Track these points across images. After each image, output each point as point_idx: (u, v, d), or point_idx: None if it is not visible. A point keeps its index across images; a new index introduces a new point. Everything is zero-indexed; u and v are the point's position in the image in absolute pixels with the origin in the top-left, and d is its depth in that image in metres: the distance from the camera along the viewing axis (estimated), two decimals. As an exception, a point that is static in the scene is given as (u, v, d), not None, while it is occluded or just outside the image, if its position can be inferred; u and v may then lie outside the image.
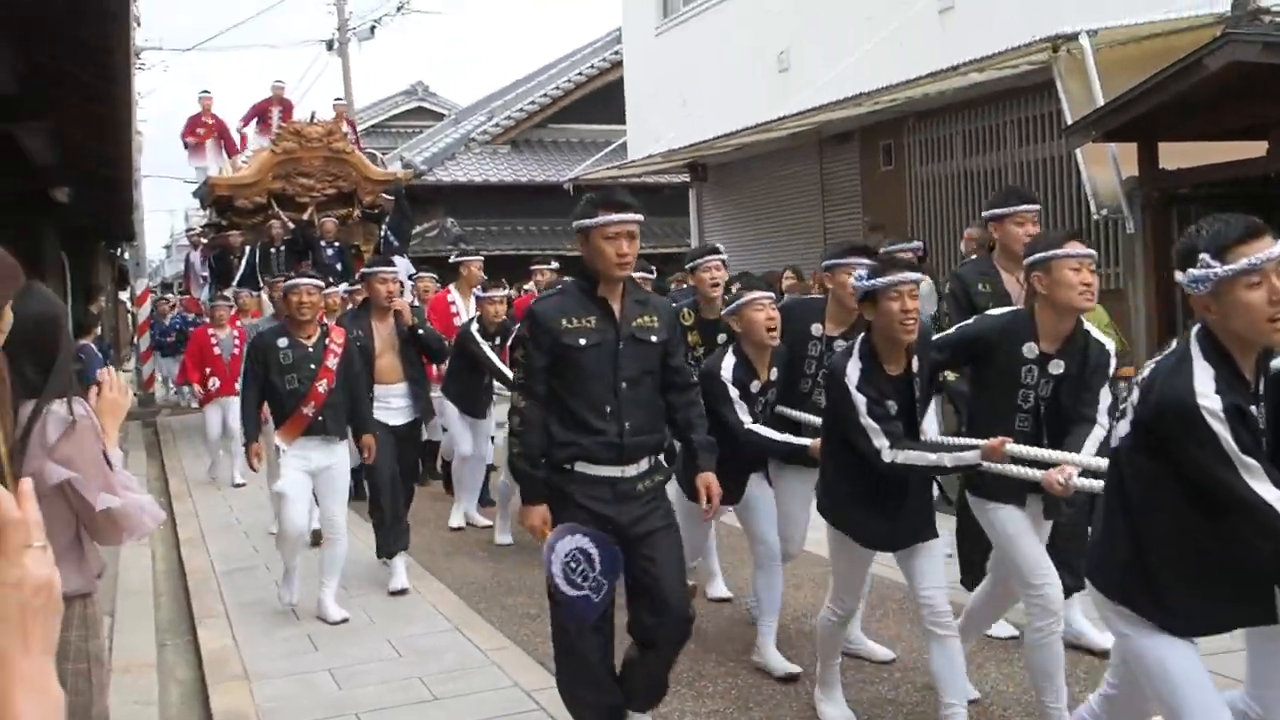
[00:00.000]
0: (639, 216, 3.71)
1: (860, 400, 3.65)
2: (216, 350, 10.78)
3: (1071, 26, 8.11)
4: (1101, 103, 7.57)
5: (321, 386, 5.78)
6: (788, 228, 14.19)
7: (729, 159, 14.89)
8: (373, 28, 22.90)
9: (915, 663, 4.78)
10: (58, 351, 2.62)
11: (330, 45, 23.56)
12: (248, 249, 14.42)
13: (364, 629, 5.68)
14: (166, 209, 59.39)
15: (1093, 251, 3.79)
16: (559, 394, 3.69)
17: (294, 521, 5.89)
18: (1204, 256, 2.54)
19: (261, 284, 12.91)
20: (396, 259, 12.60)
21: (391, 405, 6.65)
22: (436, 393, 8.02)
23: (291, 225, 14.32)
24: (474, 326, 7.64)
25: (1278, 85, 6.41)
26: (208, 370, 10.73)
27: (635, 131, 17.11)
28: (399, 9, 22.63)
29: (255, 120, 16.85)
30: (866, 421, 3.64)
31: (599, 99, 21.16)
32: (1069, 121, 7.96)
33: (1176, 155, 7.50)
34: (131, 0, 5.75)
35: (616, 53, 20.25)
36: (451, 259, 10.08)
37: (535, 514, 3.75)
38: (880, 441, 3.63)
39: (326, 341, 5.90)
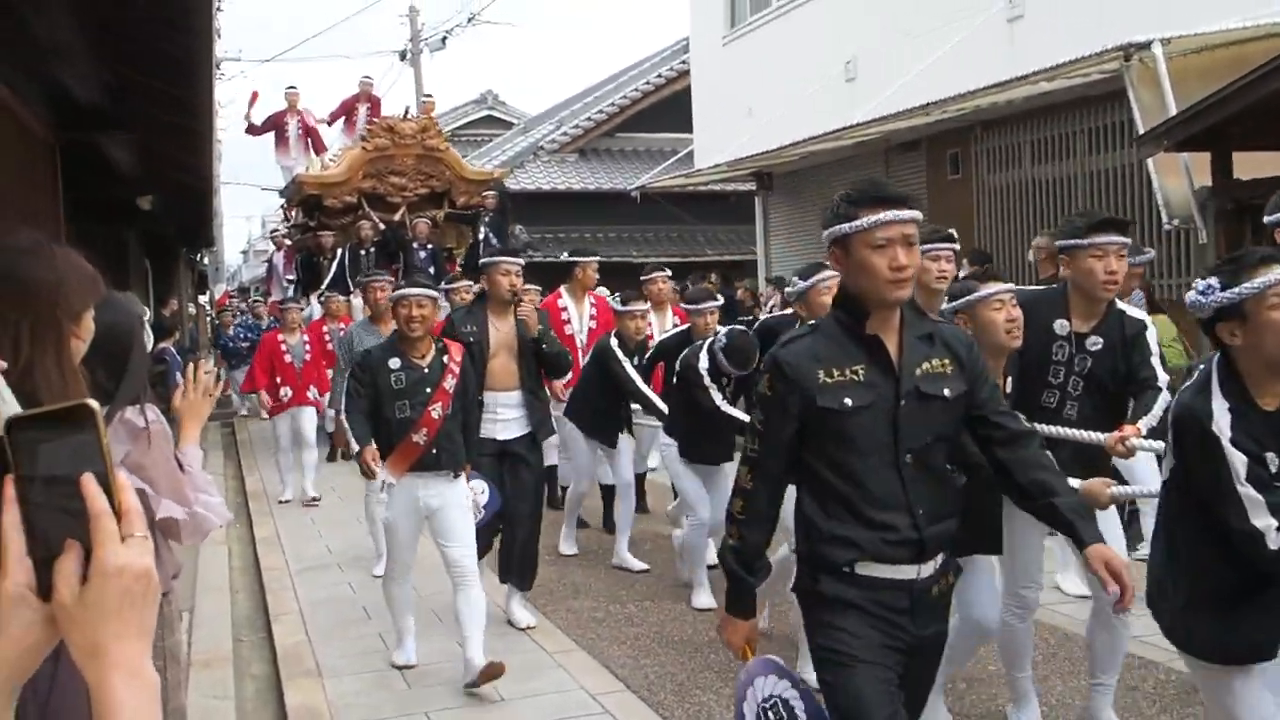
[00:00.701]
0: (917, 214, 2.75)
1: (1239, 461, 2.56)
2: (287, 357, 10.05)
3: (1143, 35, 7.98)
4: (1174, 112, 7.44)
5: (435, 411, 4.92)
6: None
7: (795, 167, 14.84)
8: (444, 38, 23.13)
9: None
10: (130, 359, 2.65)
11: (403, 55, 23.86)
12: (337, 251, 13.58)
13: (433, 628, 5.74)
14: (244, 215, 60.78)
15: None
16: (820, 472, 2.70)
17: (402, 561, 5.16)
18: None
19: (351, 288, 12.35)
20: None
21: (501, 416, 5.73)
22: (556, 411, 7.18)
23: (382, 226, 13.56)
24: (613, 342, 6.77)
25: (1356, 94, 6.26)
26: (278, 379, 9.98)
27: (702, 140, 17.11)
28: (470, 20, 22.84)
29: (342, 118, 16.14)
30: (1246, 491, 2.55)
31: (666, 108, 21.18)
32: (1140, 131, 7.82)
33: (1251, 165, 7.34)
34: (214, 15, 5.85)
35: (684, 62, 20.28)
36: (564, 257, 9.80)
37: (740, 630, 2.86)
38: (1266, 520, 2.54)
39: (445, 360, 5.06)
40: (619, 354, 6.67)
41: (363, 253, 13.22)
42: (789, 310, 7.49)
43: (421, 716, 4.62)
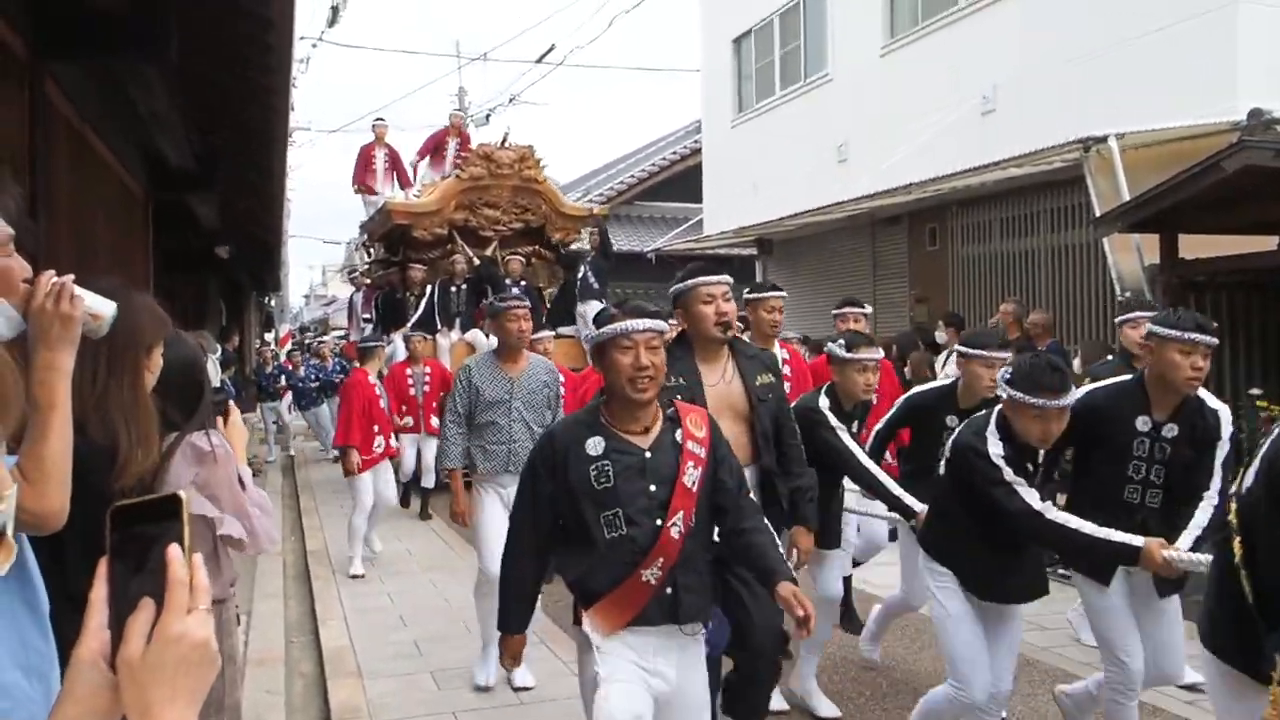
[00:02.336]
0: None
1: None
2: (382, 403, 8.00)
3: (1100, 129, 8.04)
4: (1128, 197, 7.47)
5: (677, 528, 2.71)
6: (843, 298, 14.12)
7: (792, 236, 14.89)
8: (488, 115, 23.37)
9: None
10: (201, 391, 2.65)
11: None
12: (424, 287, 11.52)
13: (463, 638, 5.71)
14: (307, 264, 61.15)
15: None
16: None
17: None
18: None
19: (439, 325, 11.03)
20: (590, 305, 10.82)
21: None
22: None
23: (477, 261, 11.44)
24: (824, 401, 4.31)
25: (1288, 187, 6.28)
26: (375, 428, 7.66)
27: (711, 209, 17.21)
28: (510, 100, 23.08)
29: (430, 154, 14.06)
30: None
31: (680, 180, 21.30)
32: (1098, 213, 7.85)
33: (1195, 246, 7.36)
34: (290, 93, 5.96)
35: (696, 141, 20.42)
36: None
37: None
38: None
39: (679, 438, 2.78)
40: (832, 419, 4.26)
41: (453, 289, 11.25)
42: None
43: (449, 715, 4.60)
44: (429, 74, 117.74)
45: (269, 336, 26.30)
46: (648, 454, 2.75)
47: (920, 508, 4.06)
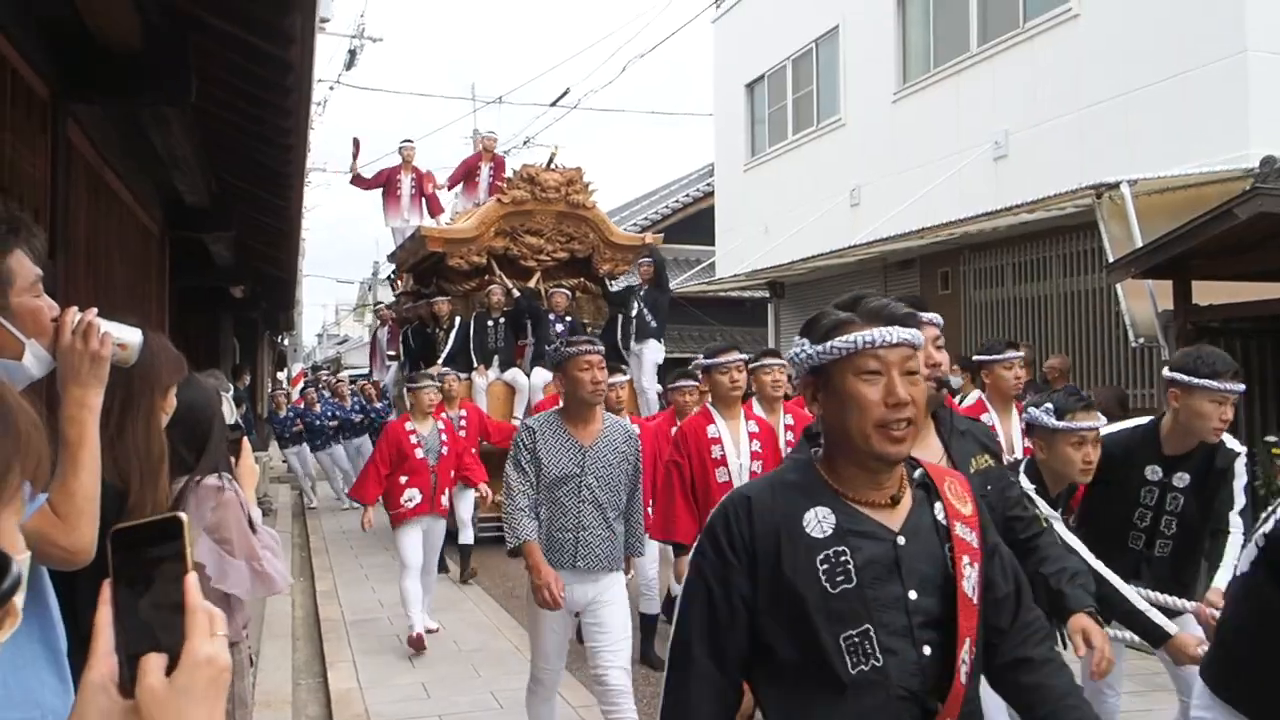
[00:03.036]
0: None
1: None
2: (420, 452, 6.66)
3: (1112, 176, 8.05)
4: (1140, 243, 7.47)
5: (965, 665, 1.73)
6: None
7: (804, 279, 14.93)
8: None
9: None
10: (210, 434, 2.66)
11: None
12: (458, 320, 10.47)
13: (470, 680, 5.67)
14: (320, 304, 61.52)
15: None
16: None
17: None
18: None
19: (476, 362, 10.15)
20: (648, 345, 10.17)
21: None
22: None
23: (517, 293, 10.38)
24: (1026, 483, 3.25)
25: (1302, 234, 6.28)
26: (403, 479, 6.59)
27: (723, 252, 17.28)
28: (525, 143, 23.33)
29: (462, 181, 12.81)
30: None
31: (693, 223, 21.41)
32: (1110, 258, 7.85)
33: (1208, 292, 7.34)
34: (308, 135, 6.02)
35: (709, 184, 20.55)
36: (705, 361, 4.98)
37: None
38: None
39: (940, 515, 1.81)
40: (1044, 508, 3.13)
41: (490, 323, 10.32)
42: None
43: (456, 761, 4.55)
44: (445, 116, 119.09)
45: (281, 375, 26.41)
46: (900, 540, 1.74)
47: (1173, 628, 3.00)
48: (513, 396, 10.33)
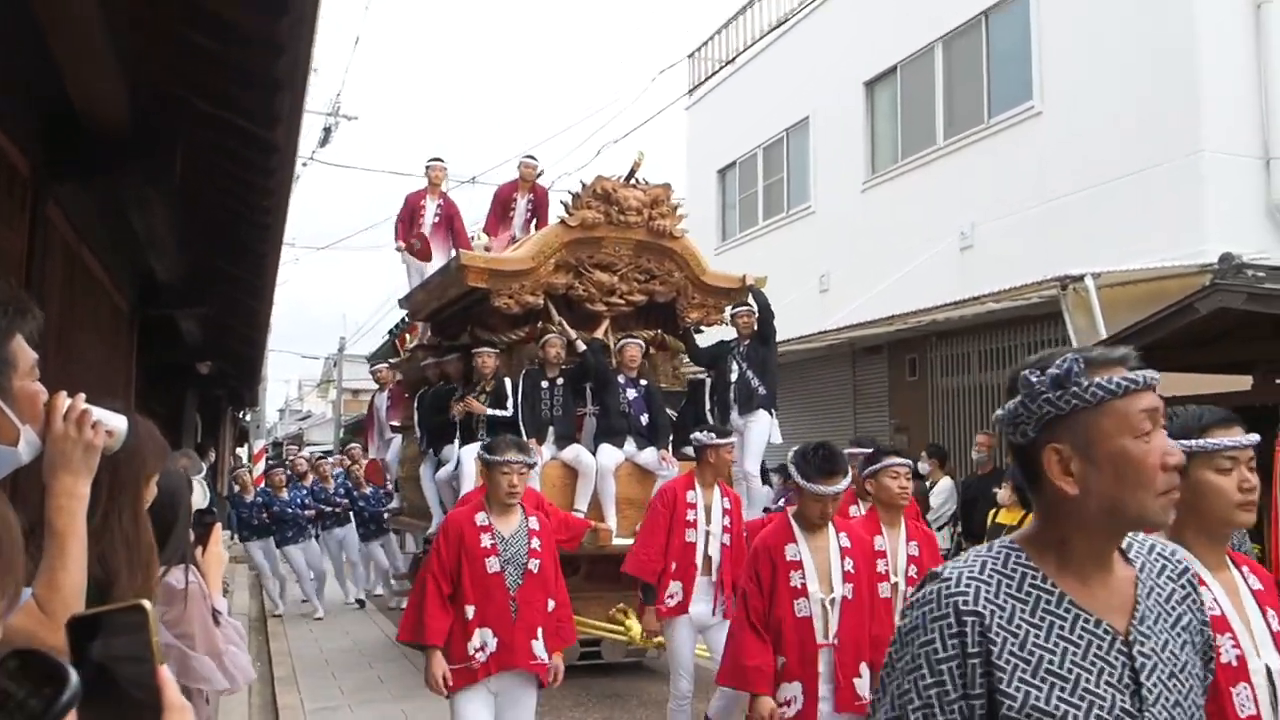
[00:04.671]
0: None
1: None
2: (494, 563, 4.25)
3: (1075, 268, 8.27)
4: (1104, 334, 7.64)
5: None
6: (822, 426, 14.20)
7: (773, 363, 15.05)
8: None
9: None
10: (176, 523, 2.58)
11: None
12: (507, 381, 7.85)
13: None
14: (284, 379, 61.04)
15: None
16: None
17: None
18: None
19: (525, 437, 6.68)
20: (757, 417, 8.05)
21: None
22: None
23: (582, 346, 7.85)
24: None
25: (1259, 329, 6.47)
26: (468, 609, 4.22)
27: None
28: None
29: (497, 219, 10.30)
30: None
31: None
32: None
33: (1172, 384, 7.48)
34: (287, 211, 6.06)
35: (679, 267, 20.72)
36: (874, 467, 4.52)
37: None
38: None
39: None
40: None
41: (544, 384, 7.72)
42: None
43: None
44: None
45: (241, 451, 26.06)
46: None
47: None
48: (574, 482, 7.59)
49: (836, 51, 13.56)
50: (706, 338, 8.99)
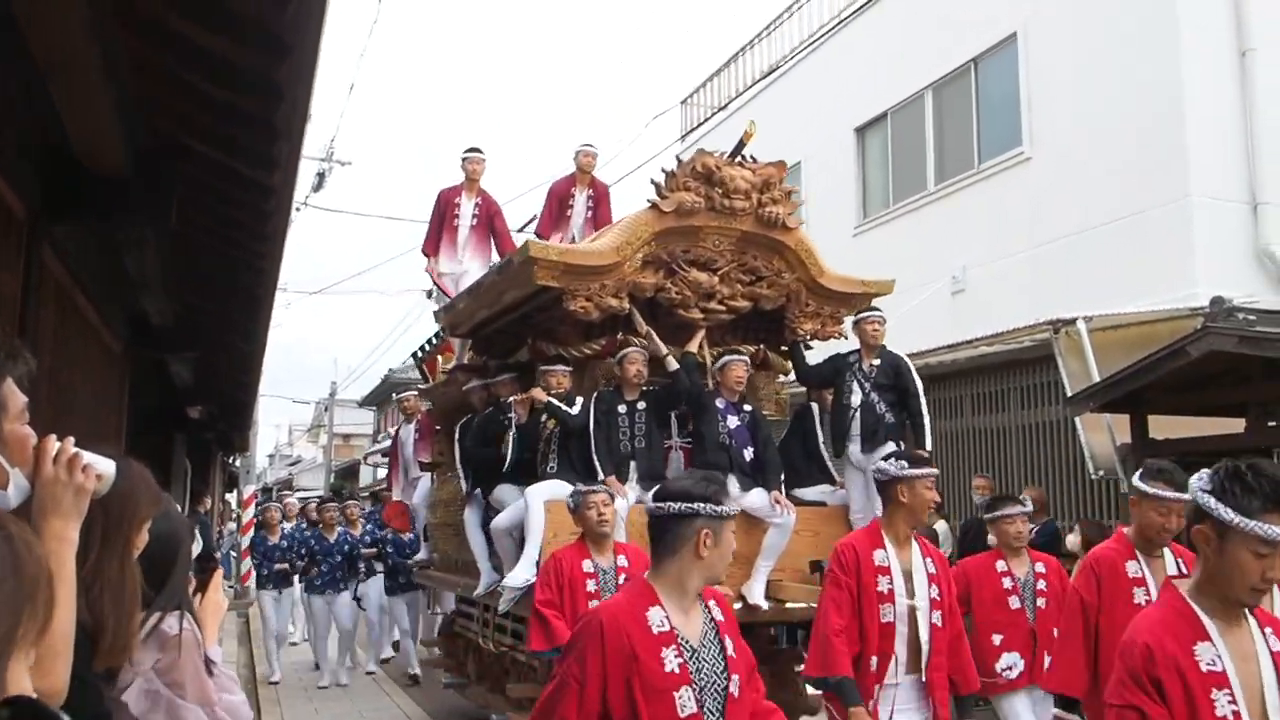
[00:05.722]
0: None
1: None
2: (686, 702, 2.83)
3: (1067, 311, 8.34)
4: (1097, 377, 7.68)
5: None
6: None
7: (766, 407, 15.05)
8: (434, 312, 23.74)
9: None
10: (174, 568, 2.53)
11: (429, 294, 24.51)
12: (578, 402, 6.25)
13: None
14: (274, 424, 60.84)
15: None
16: None
17: None
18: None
19: (601, 475, 5.85)
20: (885, 450, 5.89)
21: None
22: None
23: (675, 363, 6.29)
24: None
25: (1251, 371, 6.52)
26: (578, 646, 2.60)
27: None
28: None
29: (554, 213, 8.90)
30: None
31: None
32: (1068, 391, 8.05)
33: (1165, 426, 7.53)
34: (282, 254, 6.09)
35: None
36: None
37: None
38: None
39: None
40: None
41: (622, 409, 6.22)
42: None
43: None
44: (411, 240, 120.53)
45: (230, 497, 25.92)
46: None
47: None
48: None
49: (828, 98, 13.73)
50: (814, 354, 7.29)
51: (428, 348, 10.30)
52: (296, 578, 10.93)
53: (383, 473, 35.22)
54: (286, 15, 3.02)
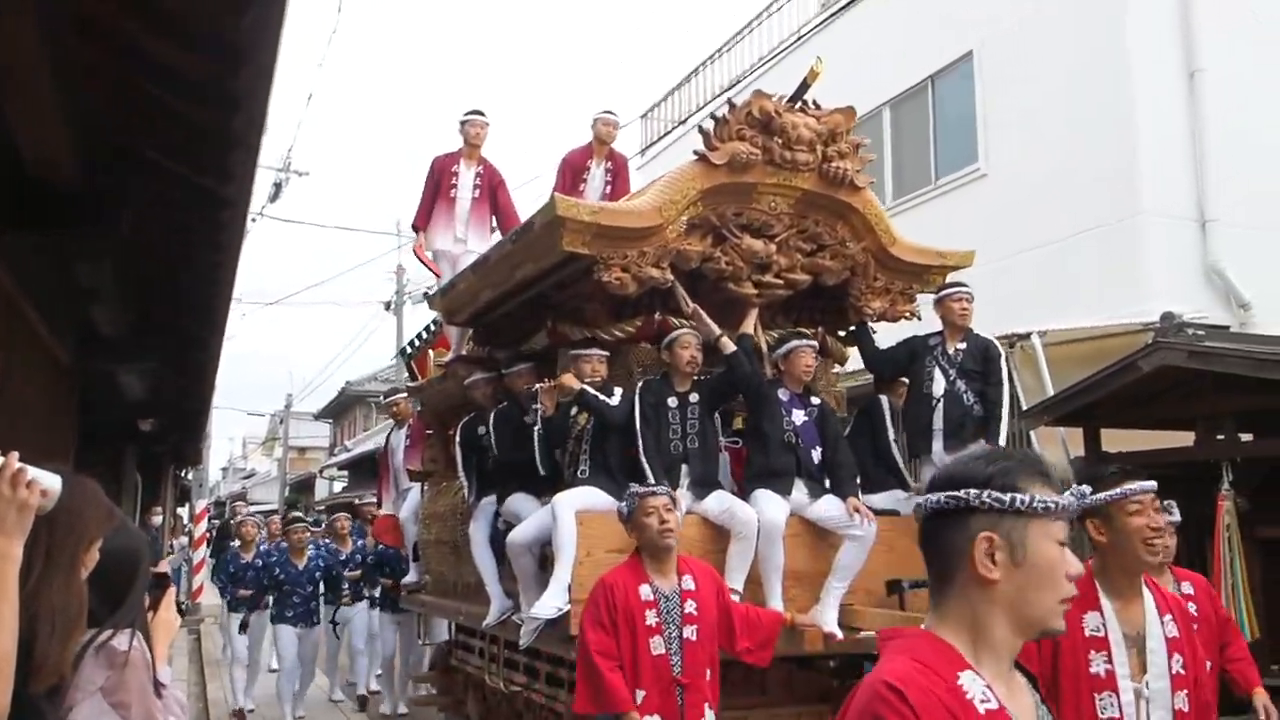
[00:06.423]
0: None
1: None
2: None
3: (1022, 325, 8.46)
4: (1051, 391, 7.80)
5: None
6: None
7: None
8: (426, 293, 23.62)
9: None
10: (132, 587, 2.47)
11: (388, 306, 24.39)
12: (616, 393, 5.30)
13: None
14: (227, 437, 60.05)
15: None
16: None
17: None
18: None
19: (650, 479, 4.73)
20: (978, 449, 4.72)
21: None
22: None
23: (733, 347, 5.29)
24: None
25: (1200, 386, 6.66)
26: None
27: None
28: (425, 297, 23.54)
29: (568, 186, 7.73)
30: None
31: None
32: (1023, 405, 8.16)
33: (1117, 440, 7.66)
34: (237, 266, 6.02)
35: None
36: None
37: None
38: None
39: None
40: None
41: (671, 403, 5.23)
42: None
43: None
44: (369, 251, 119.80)
45: (182, 511, 25.52)
46: None
47: None
48: (722, 548, 5.04)
49: (787, 113, 13.82)
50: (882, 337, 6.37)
51: (418, 343, 9.32)
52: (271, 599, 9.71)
53: (339, 486, 34.92)
54: (243, 25, 2.99)
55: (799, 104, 5.74)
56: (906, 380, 5.96)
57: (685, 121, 15.92)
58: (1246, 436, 6.67)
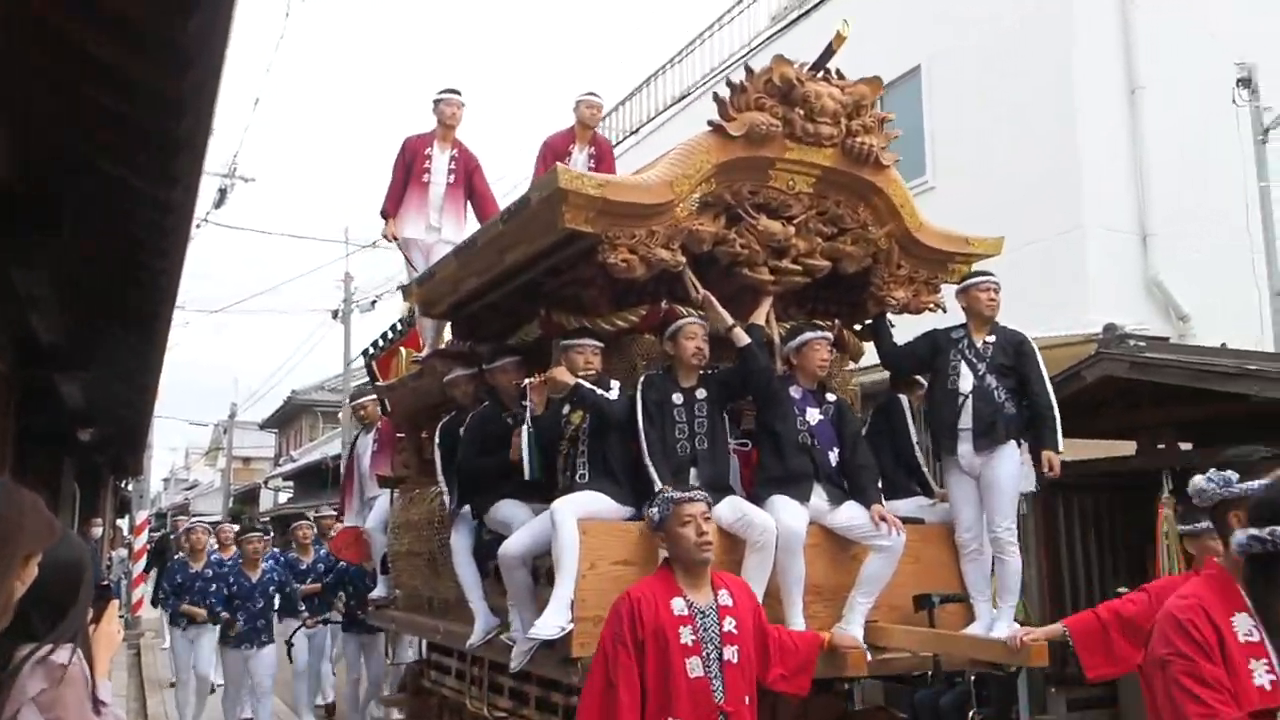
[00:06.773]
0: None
1: None
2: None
3: (969, 337, 8.57)
4: (997, 402, 7.90)
5: None
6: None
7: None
8: (374, 302, 23.46)
9: None
10: (75, 602, 2.39)
11: (335, 314, 24.14)
12: (614, 387, 4.65)
13: None
14: (169, 447, 58.95)
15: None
16: None
17: None
18: None
19: (658, 482, 4.35)
20: (1008, 455, 4.99)
21: None
22: None
23: (747, 339, 4.68)
24: None
25: (1141, 397, 6.81)
26: None
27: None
28: (398, 288, 23.35)
29: (550, 166, 5.53)
30: None
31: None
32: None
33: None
34: (179, 279, 5.94)
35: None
36: None
37: None
38: None
39: None
40: None
41: (677, 399, 4.67)
42: None
43: None
44: (317, 259, 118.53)
45: (122, 523, 25.02)
46: None
47: None
48: (737, 557, 4.50)
49: (738, 124, 13.91)
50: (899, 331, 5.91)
51: (381, 343, 8.51)
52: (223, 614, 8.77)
53: (285, 497, 34.43)
54: (190, 27, 2.96)
55: (822, 72, 5.16)
56: (922, 379, 5.53)
57: (637, 132, 15.98)
58: (1186, 445, 6.83)
